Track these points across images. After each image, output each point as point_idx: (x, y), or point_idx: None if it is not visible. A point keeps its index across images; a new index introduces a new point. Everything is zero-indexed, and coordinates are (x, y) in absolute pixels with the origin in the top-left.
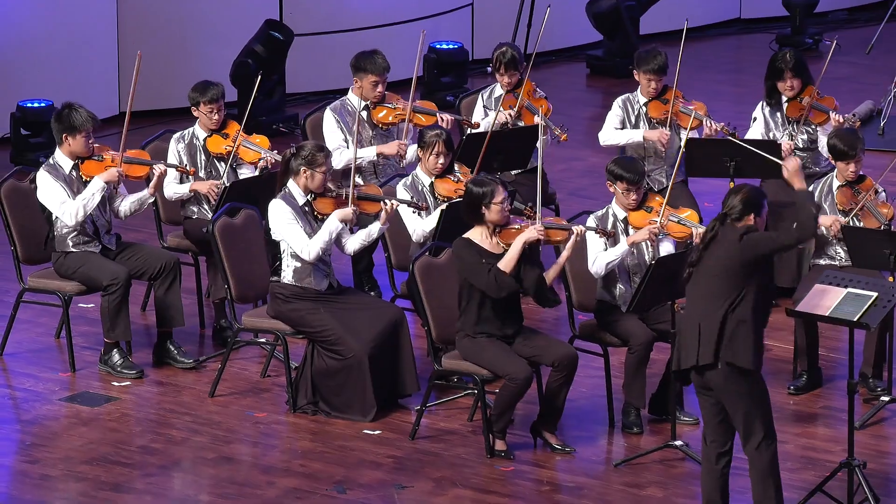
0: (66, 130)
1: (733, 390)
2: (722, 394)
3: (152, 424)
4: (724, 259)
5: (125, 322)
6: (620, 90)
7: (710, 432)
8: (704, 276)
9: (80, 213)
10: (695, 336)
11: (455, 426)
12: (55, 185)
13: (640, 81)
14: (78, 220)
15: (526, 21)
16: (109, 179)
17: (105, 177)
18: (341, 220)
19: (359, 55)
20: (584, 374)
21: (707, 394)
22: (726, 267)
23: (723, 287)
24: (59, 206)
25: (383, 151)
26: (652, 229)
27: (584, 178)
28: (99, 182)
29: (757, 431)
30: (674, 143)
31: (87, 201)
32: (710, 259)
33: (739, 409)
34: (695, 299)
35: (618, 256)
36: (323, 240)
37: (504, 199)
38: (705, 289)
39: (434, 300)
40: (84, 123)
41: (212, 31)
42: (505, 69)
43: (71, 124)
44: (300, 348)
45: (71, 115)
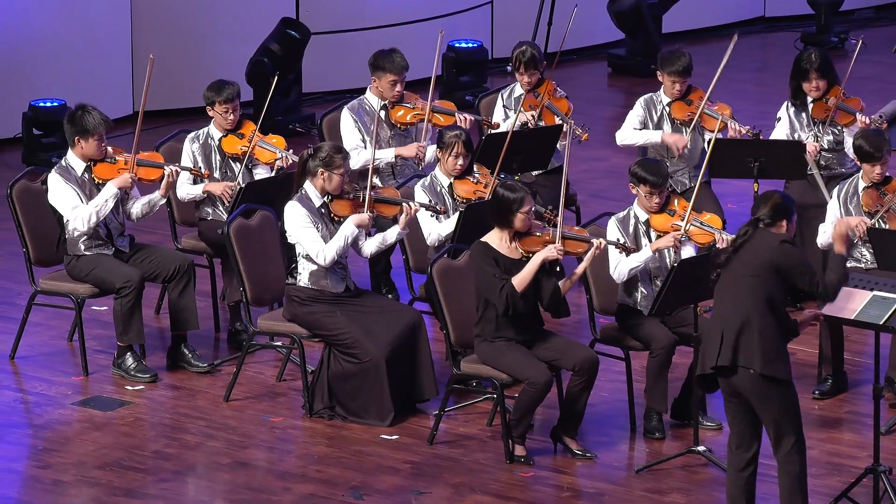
0: (79, 133)
1: (765, 394)
2: (752, 398)
3: (166, 429)
4: (759, 261)
5: (139, 325)
6: (642, 90)
7: (736, 439)
8: (735, 278)
9: (93, 219)
10: (729, 337)
11: (474, 431)
12: (67, 188)
13: (664, 83)
14: (90, 225)
15: (546, 19)
16: (123, 185)
17: (118, 182)
18: (357, 226)
19: (377, 54)
20: (605, 378)
21: (735, 399)
22: (760, 269)
23: (755, 288)
24: (71, 211)
25: (402, 153)
26: (676, 236)
27: (606, 178)
28: (112, 188)
29: (788, 436)
30: (697, 144)
31: (99, 207)
32: (742, 261)
33: (771, 413)
34: (723, 301)
35: (641, 263)
36: (338, 245)
37: (530, 210)
38: (735, 291)
39: (452, 303)
40: (97, 126)
41: (227, 29)
42: (525, 68)
43: (83, 127)
44: (316, 352)
45: (84, 118)
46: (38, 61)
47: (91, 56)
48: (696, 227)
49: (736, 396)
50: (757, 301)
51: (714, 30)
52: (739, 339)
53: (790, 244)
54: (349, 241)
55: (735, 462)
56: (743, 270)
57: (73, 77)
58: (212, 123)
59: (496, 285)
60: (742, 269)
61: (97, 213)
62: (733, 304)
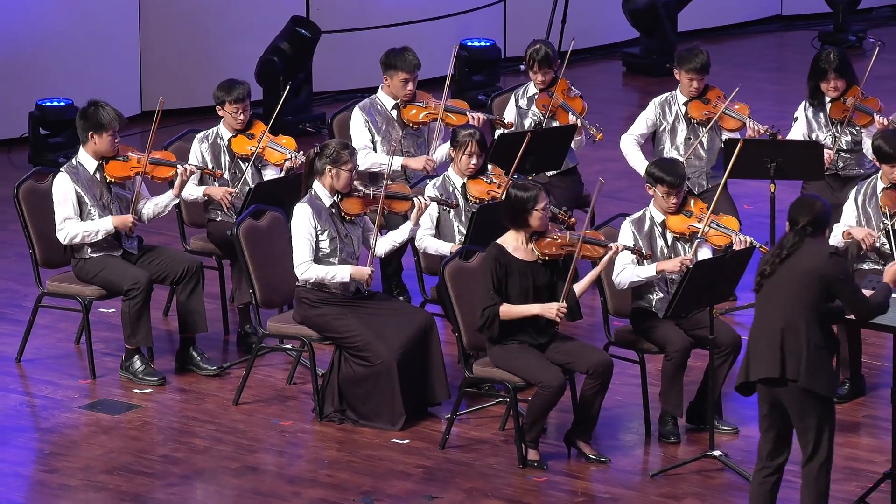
0: (93, 128)
1: (808, 409)
2: (792, 410)
3: (174, 433)
4: (807, 272)
5: (147, 327)
6: (657, 89)
7: (769, 447)
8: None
9: (76, 240)
10: (775, 347)
11: (486, 435)
12: (69, 195)
13: (681, 81)
14: (70, 243)
15: (560, 17)
16: (121, 228)
17: (119, 223)
18: (354, 278)
19: (388, 52)
20: (619, 381)
21: (775, 409)
22: (808, 279)
23: (803, 299)
24: (61, 221)
25: (409, 165)
26: (685, 261)
27: (621, 179)
28: (110, 225)
29: (822, 452)
30: (714, 144)
31: (89, 235)
32: (790, 271)
33: (811, 428)
34: (772, 309)
35: (642, 279)
36: (323, 275)
37: (546, 207)
38: (782, 300)
39: (465, 305)
40: (111, 121)
41: (237, 28)
42: (538, 67)
43: (98, 122)
44: (327, 355)
45: (98, 113)
46: (45, 60)
47: (99, 55)
48: (712, 229)
49: (776, 406)
50: (805, 312)
51: (730, 28)
52: (786, 350)
53: (839, 256)
54: (335, 281)
55: (764, 470)
56: (790, 280)
57: (80, 76)
58: (221, 123)
59: (486, 301)
60: (789, 279)
61: (83, 237)
62: (781, 314)
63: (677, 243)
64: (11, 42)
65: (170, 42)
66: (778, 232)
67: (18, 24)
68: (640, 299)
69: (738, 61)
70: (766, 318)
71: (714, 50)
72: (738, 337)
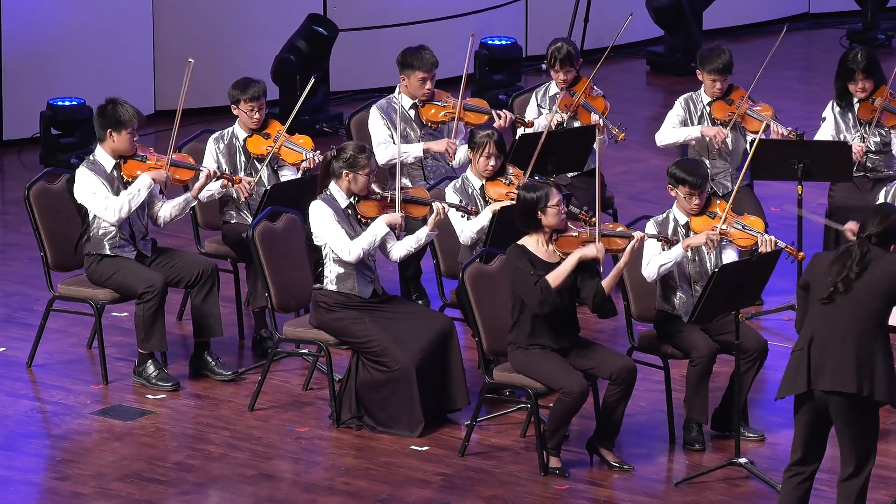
0: (112, 126)
1: (859, 423)
2: (845, 424)
3: (189, 439)
4: (884, 283)
5: (160, 332)
6: (682, 88)
7: (803, 456)
8: (858, 298)
9: (125, 209)
10: (849, 359)
11: (507, 442)
12: (96, 180)
13: (704, 81)
14: (121, 216)
15: (583, 15)
16: (157, 178)
17: (154, 174)
18: (389, 225)
19: (405, 51)
20: (643, 387)
21: (818, 420)
22: (886, 292)
23: (881, 312)
24: (102, 202)
25: (431, 148)
26: (710, 235)
27: (645, 181)
28: (147, 179)
29: (865, 467)
30: (738, 145)
31: (132, 196)
32: (866, 282)
33: (858, 442)
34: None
35: (671, 260)
36: (367, 241)
37: (560, 202)
38: (859, 312)
39: (485, 309)
40: (130, 119)
41: (252, 26)
42: (560, 66)
43: (117, 119)
44: (344, 360)
45: (117, 110)
46: (57, 59)
47: (111, 53)
48: (737, 230)
49: (821, 417)
50: (878, 326)
51: (757, 26)
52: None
53: None
54: (378, 241)
55: (796, 478)
56: (871, 292)
57: (92, 75)
58: (236, 123)
59: (530, 281)
60: (869, 291)
61: (129, 202)
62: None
63: (702, 245)
64: (23, 40)
65: (184, 40)
66: (805, 235)
67: (30, 21)
68: (664, 303)
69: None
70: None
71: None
72: (765, 342)
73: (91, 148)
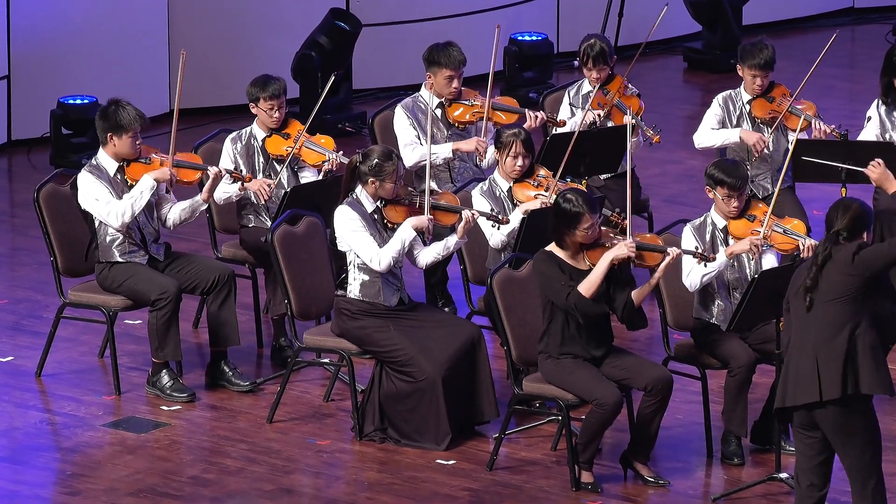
0: (112, 129)
1: (849, 429)
2: (834, 433)
3: (205, 453)
4: (841, 282)
5: (175, 340)
6: (721, 86)
7: (807, 475)
8: (818, 302)
9: (128, 213)
10: (812, 369)
11: (537, 456)
12: (98, 185)
13: (744, 77)
14: (125, 220)
15: (617, 10)
16: (160, 178)
17: (156, 174)
18: (416, 229)
19: (432, 48)
20: (679, 398)
21: (810, 433)
22: (844, 290)
23: (843, 313)
24: (104, 207)
25: (460, 147)
26: (754, 241)
27: (681, 183)
28: (149, 180)
29: (872, 475)
30: (780, 145)
31: (135, 200)
32: (825, 283)
33: (854, 449)
34: (807, 328)
35: (715, 269)
36: (395, 248)
37: (592, 226)
38: (821, 316)
39: (514, 317)
40: (132, 122)
41: (271, 21)
42: (593, 63)
43: (118, 123)
44: (367, 369)
45: (118, 113)
46: (68, 55)
47: (125, 49)
48: (778, 234)
49: (812, 429)
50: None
51: (798, 22)
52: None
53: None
54: (406, 246)
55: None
56: (829, 294)
57: (105, 72)
58: (255, 122)
59: (562, 292)
60: (827, 293)
61: (132, 206)
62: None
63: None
64: (33, 36)
65: (200, 36)
66: None
67: (40, 15)
68: (701, 311)
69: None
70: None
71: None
72: None
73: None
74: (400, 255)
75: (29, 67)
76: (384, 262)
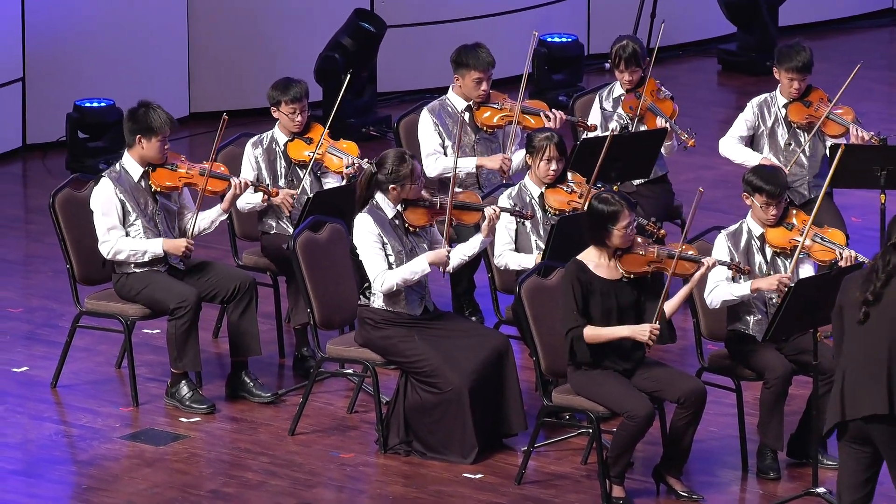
0: (142, 132)
1: None
2: (890, 447)
3: (225, 466)
4: None
5: (194, 350)
6: (756, 90)
7: (850, 492)
8: (888, 311)
9: (121, 257)
10: (879, 381)
11: (567, 469)
12: (114, 203)
13: (781, 81)
14: (114, 259)
15: (649, 10)
16: (172, 252)
17: (171, 247)
18: (433, 264)
19: (460, 49)
20: (713, 411)
21: (862, 447)
22: None
23: None
24: (105, 231)
25: (485, 164)
26: (784, 280)
27: (716, 188)
28: (159, 248)
29: None
30: (817, 151)
31: (135, 254)
32: (888, 297)
33: None
34: (873, 342)
35: (736, 299)
36: (402, 277)
37: (629, 224)
38: (891, 326)
39: (543, 326)
40: (162, 125)
41: (294, 22)
42: (625, 65)
43: (148, 125)
44: (392, 380)
45: (148, 115)
46: (85, 57)
47: (143, 51)
48: (816, 243)
49: (864, 443)
50: None
51: (837, 23)
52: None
53: None
54: (416, 279)
55: None
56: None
57: (122, 74)
58: (276, 126)
59: (568, 322)
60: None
61: (128, 255)
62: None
63: (777, 259)
64: (48, 37)
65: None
66: None
67: (55, 16)
68: (736, 321)
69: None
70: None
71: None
72: None
73: (120, 153)
74: (406, 284)
75: (44, 69)
76: (387, 286)
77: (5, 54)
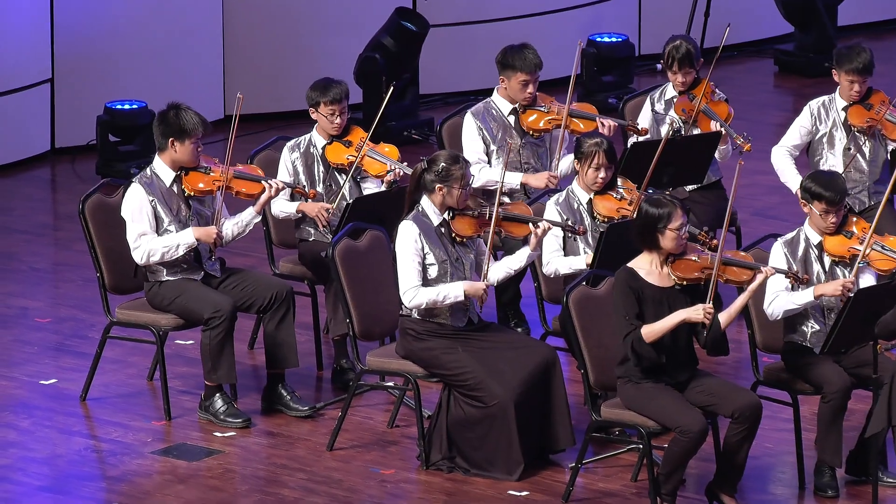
0: (174, 134)
1: None
2: None
3: (260, 482)
4: None
5: (229, 362)
6: (814, 92)
7: None
8: None
9: (155, 258)
10: None
11: (616, 487)
12: (144, 208)
13: (841, 83)
14: (149, 262)
15: (703, 9)
16: (204, 240)
17: (202, 235)
18: (468, 295)
19: (506, 50)
20: (769, 426)
21: None
22: None
23: None
24: (136, 237)
25: (529, 183)
26: (847, 285)
27: (772, 195)
28: (191, 237)
29: None
30: (878, 156)
31: (169, 250)
32: None
33: None
34: None
35: (799, 306)
36: (434, 298)
37: (682, 226)
38: None
39: (592, 338)
40: (195, 128)
41: (333, 21)
42: (678, 66)
43: (181, 127)
44: (434, 394)
45: (180, 117)
46: (116, 58)
47: (176, 51)
48: (876, 252)
49: None
50: None
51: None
52: None
53: None
54: (448, 303)
55: None
56: None
57: (155, 76)
58: (314, 129)
59: (624, 328)
60: None
61: (162, 254)
62: None
63: (836, 268)
64: (79, 38)
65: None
66: None
67: (85, 16)
68: (793, 332)
69: None
70: None
71: (880, 47)
72: None
73: (151, 157)
74: (433, 306)
75: (74, 71)
76: (415, 302)
77: (33, 54)
